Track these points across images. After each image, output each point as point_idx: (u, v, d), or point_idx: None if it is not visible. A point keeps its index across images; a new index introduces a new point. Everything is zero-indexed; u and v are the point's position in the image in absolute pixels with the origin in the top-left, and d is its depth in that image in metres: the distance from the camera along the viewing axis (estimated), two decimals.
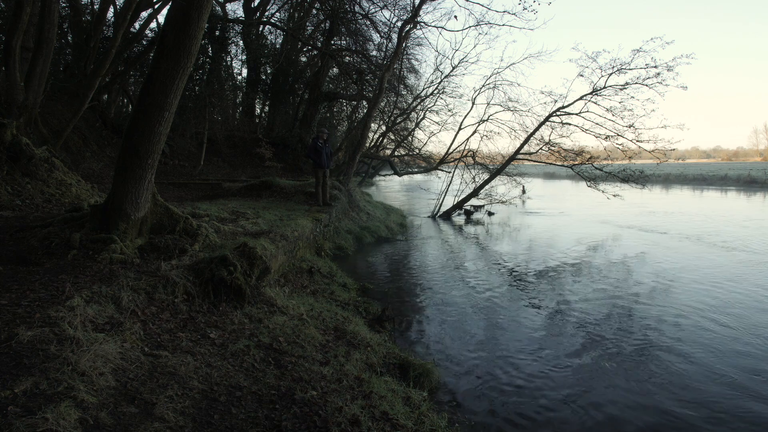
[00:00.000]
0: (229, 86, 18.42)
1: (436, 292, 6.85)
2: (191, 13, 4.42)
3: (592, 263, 8.80)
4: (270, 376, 3.18)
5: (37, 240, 4.41)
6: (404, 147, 22.09)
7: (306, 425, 2.67)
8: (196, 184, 12.30)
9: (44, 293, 3.32)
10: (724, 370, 4.32)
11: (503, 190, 16.36)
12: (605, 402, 3.77)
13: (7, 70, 8.15)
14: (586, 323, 5.54)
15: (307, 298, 5.26)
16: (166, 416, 2.41)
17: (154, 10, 13.91)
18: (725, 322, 5.61)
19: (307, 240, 7.50)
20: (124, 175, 4.57)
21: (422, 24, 14.67)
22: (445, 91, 19.74)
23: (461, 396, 3.86)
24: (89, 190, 7.54)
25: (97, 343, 2.76)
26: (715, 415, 3.62)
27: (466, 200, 15.89)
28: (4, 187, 6.27)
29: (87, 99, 8.88)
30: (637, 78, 13.15)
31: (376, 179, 33.32)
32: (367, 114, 14.62)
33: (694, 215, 16.07)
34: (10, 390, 2.19)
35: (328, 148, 9.80)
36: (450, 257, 9.50)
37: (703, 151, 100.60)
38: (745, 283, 7.29)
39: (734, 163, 60.48)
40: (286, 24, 18.34)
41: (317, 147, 9.49)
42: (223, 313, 3.95)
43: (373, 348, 4.22)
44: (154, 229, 4.86)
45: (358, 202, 12.81)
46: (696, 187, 32.25)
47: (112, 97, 15.72)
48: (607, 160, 15.05)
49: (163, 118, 4.54)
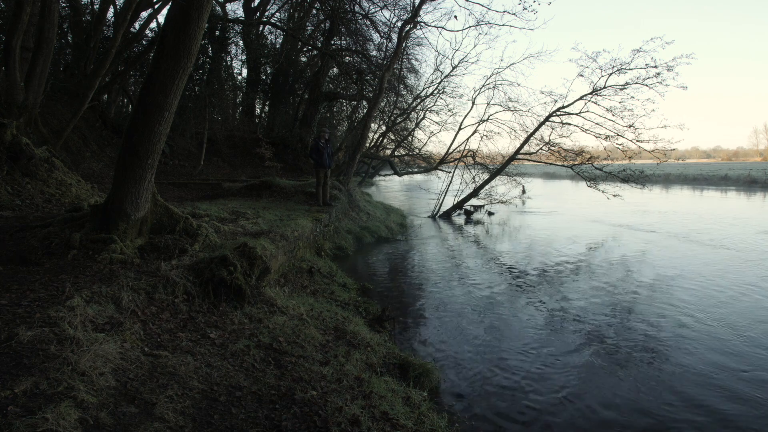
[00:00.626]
0: (229, 86, 18.43)
1: (436, 292, 6.85)
2: (191, 13, 4.42)
3: (590, 263, 8.80)
4: (270, 376, 3.18)
5: (37, 240, 4.41)
6: (404, 147, 22.11)
7: (306, 425, 2.67)
8: (196, 184, 12.30)
9: (44, 293, 3.32)
10: (700, 367, 4.34)
11: (503, 190, 16.37)
12: (605, 402, 3.77)
13: (7, 70, 8.15)
14: (584, 322, 5.54)
15: (307, 298, 5.26)
16: (166, 416, 2.41)
17: (154, 10, 13.92)
18: (700, 317, 5.75)
19: (307, 240, 7.50)
20: (124, 175, 4.57)
21: (422, 24, 14.71)
22: (445, 91, 19.79)
23: (461, 396, 3.86)
24: (89, 190, 7.54)
25: (97, 343, 2.76)
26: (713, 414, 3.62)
27: (466, 200, 15.89)
28: (4, 187, 6.27)
29: (87, 99, 8.89)
30: (637, 78, 13.17)
31: (376, 179, 33.31)
32: (367, 114, 14.62)
33: (686, 215, 16.15)
34: (10, 390, 2.19)
35: (330, 148, 9.82)
36: (450, 257, 9.50)
37: (703, 151, 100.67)
38: (722, 279, 7.51)
39: (734, 163, 60.50)
40: (286, 24, 18.35)
41: (319, 147, 9.54)
42: (223, 313, 3.95)
43: (373, 348, 4.22)
44: (154, 229, 4.86)
45: (358, 202, 12.81)
46: (696, 187, 32.24)
47: (112, 97, 15.73)
48: (607, 160, 15.06)
49: (163, 118, 4.54)
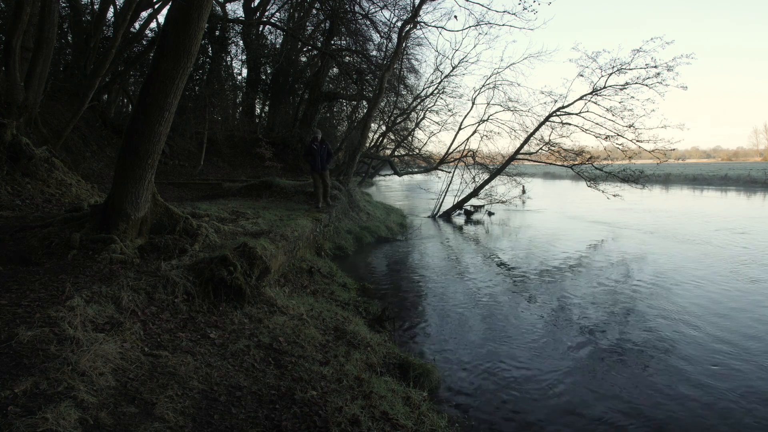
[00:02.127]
0: (229, 86, 18.43)
1: (436, 292, 6.85)
2: (191, 13, 4.42)
3: (589, 262, 8.81)
4: (270, 376, 3.18)
5: (37, 240, 4.41)
6: (404, 147, 22.09)
7: (306, 425, 2.67)
8: (196, 184, 12.29)
9: (44, 293, 3.32)
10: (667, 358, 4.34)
11: (503, 190, 16.38)
12: (605, 402, 3.77)
13: (7, 70, 8.14)
14: (584, 321, 5.54)
15: (307, 298, 5.26)
16: (166, 416, 2.41)
17: (154, 10, 13.91)
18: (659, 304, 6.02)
19: (307, 240, 7.50)
20: (124, 175, 4.57)
21: (422, 24, 14.69)
22: (445, 91, 19.77)
23: (461, 396, 3.86)
24: (89, 190, 7.54)
25: (97, 343, 2.76)
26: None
27: (466, 200, 15.89)
28: (4, 187, 6.27)
29: (87, 99, 8.88)
30: (637, 78, 13.17)
31: (376, 179, 33.30)
32: (367, 114, 14.62)
33: (674, 213, 16.46)
34: (10, 390, 2.18)
35: (325, 150, 9.38)
36: (450, 257, 9.50)
37: (703, 151, 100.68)
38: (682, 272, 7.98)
39: (734, 163, 60.50)
40: (286, 24, 18.33)
41: (312, 149, 9.27)
42: (223, 313, 3.95)
43: (373, 348, 4.22)
44: (154, 229, 4.86)
45: (358, 202, 12.81)
46: (696, 187, 32.24)
47: (112, 97, 15.71)
48: (607, 160, 15.06)
49: (163, 118, 4.54)
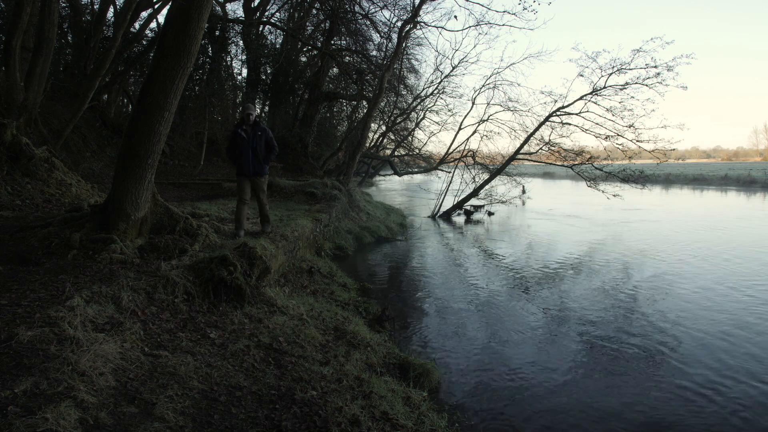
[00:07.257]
0: (229, 86, 18.41)
1: (436, 292, 6.85)
2: (191, 13, 4.42)
3: (587, 262, 8.81)
4: (270, 376, 3.18)
5: (37, 240, 4.41)
6: (404, 147, 22.12)
7: (306, 425, 2.67)
8: (196, 184, 12.28)
9: (44, 293, 3.32)
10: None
11: (503, 190, 16.39)
12: (605, 402, 3.77)
13: (7, 70, 8.15)
14: (583, 321, 5.53)
15: (307, 298, 5.26)
16: (166, 416, 2.41)
17: (154, 10, 13.90)
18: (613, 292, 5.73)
19: (307, 240, 7.50)
20: (124, 175, 4.57)
21: (422, 24, 14.70)
22: (445, 91, 19.82)
23: (461, 396, 3.86)
24: (89, 190, 7.54)
25: (97, 343, 2.76)
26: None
27: (466, 200, 15.88)
28: (4, 187, 6.27)
29: (87, 99, 8.88)
30: (637, 78, 13.18)
31: (376, 179, 33.32)
32: (367, 114, 14.63)
33: (663, 211, 16.92)
34: (10, 390, 2.18)
35: (262, 138, 5.60)
36: (450, 257, 9.50)
37: (703, 151, 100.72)
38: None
39: (734, 163, 60.52)
40: (286, 24, 18.33)
41: (238, 137, 5.53)
42: (223, 313, 3.95)
43: (373, 348, 4.22)
44: (154, 229, 4.85)
45: (358, 202, 12.81)
46: (696, 187, 32.24)
47: (112, 97, 15.70)
48: (607, 160, 15.07)
49: (163, 118, 4.54)
